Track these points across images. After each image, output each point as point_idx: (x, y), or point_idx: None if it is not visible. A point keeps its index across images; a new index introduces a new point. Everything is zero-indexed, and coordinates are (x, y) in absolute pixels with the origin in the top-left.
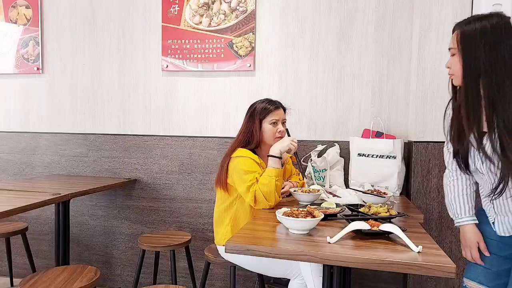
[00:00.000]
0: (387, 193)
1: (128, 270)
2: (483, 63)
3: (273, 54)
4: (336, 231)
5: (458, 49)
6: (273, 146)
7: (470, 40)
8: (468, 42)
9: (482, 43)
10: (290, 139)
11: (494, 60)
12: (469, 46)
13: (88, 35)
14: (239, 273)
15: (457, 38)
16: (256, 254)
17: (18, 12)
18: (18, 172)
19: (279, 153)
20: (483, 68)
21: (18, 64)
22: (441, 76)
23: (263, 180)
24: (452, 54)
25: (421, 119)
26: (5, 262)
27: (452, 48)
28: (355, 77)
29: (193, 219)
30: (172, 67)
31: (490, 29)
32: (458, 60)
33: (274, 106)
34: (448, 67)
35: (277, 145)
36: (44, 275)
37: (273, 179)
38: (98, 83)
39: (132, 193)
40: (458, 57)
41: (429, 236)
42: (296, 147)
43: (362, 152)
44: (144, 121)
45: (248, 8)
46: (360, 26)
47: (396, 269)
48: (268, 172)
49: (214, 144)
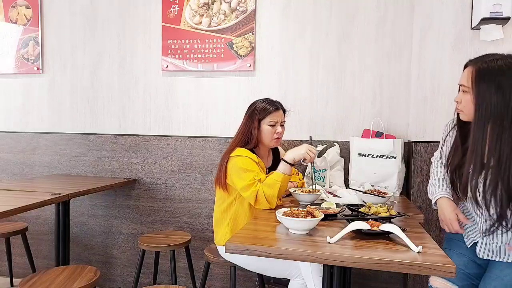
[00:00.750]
0: (387, 193)
1: (128, 270)
2: (496, 107)
3: (273, 54)
4: (336, 231)
5: (472, 89)
6: (289, 152)
7: (485, 81)
8: (483, 84)
9: (496, 86)
10: (308, 148)
11: (507, 104)
12: (483, 88)
13: (88, 35)
14: (239, 273)
15: (471, 76)
16: (256, 254)
17: (18, 12)
18: (18, 172)
19: (293, 160)
20: (496, 112)
21: (18, 64)
22: (441, 76)
23: (269, 181)
24: (464, 91)
25: (421, 119)
26: (5, 262)
27: (465, 86)
28: (355, 77)
29: (193, 219)
30: (172, 67)
31: (507, 70)
32: (470, 100)
33: (274, 107)
34: (458, 102)
35: (293, 152)
36: (44, 275)
37: (278, 183)
38: (98, 83)
39: (132, 193)
40: (470, 97)
41: (429, 236)
42: (312, 158)
43: (362, 152)
44: (144, 121)
45: (248, 8)
46: (360, 26)
47: (396, 269)
48: (275, 176)
49: (214, 144)
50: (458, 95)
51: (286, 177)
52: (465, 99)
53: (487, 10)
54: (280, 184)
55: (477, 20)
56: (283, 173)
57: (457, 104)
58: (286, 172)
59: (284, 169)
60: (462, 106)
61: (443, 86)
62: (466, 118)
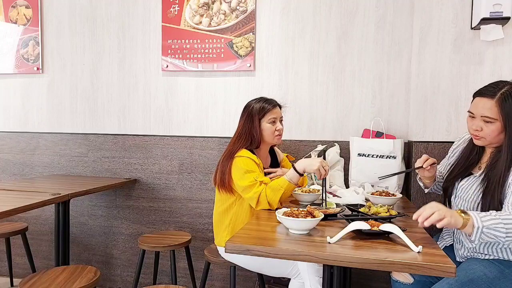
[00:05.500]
0: (395, 194)
1: (128, 270)
2: None
3: (273, 54)
4: (336, 231)
5: (500, 119)
6: (301, 161)
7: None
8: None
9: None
10: (322, 164)
11: None
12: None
13: (88, 35)
14: (239, 273)
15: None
16: (256, 254)
17: (18, 12)
18: (18, 172)
19: (303, 170)
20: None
21: (18, 64)
22: (441, 76)
23: (274, 185)
24: (488, 121)
25: (421, 119)
26: (5, 262)
27: (489, 117)
28: (355, 77)
29: (193, 219)
30: (172, 67)
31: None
32: (496, 129)
33: (271, 105)
34: (477, 130)
35: (305, 162)
36: (44, 275)
37: (282, 190)
38: (98, 83)
39: (132, 193)
40: (496, 126)
41: (429, 236)
42: (324, 175)
43: (362, 152)
44: (144, 121)
45: (248, 8)
46: (360, 26)
47: (396, 269)
48: (281, 182)
49: (214, 144)
50: (477, 124)
51: (292, 185)
52: (491, 129)
53: (487, 10)
54: (283, 190)
55: (477, 20)
56: (290, 180)
57: (477, 132)
58: (293, 180)
59: (292, 177)
60: (484, 134)
61: (443, 86)
62: (485, 143)
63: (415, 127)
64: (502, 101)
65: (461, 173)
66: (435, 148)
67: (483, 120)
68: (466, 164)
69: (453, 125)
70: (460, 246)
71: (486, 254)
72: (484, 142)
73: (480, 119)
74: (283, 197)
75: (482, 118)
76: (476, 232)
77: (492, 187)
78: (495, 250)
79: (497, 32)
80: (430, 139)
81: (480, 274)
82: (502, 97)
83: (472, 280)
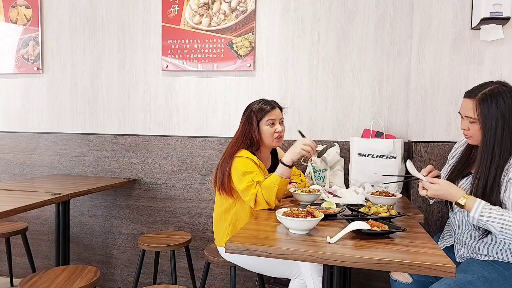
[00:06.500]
0: (395, 194)
1: (128, 270)
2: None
3: (273, 54)
4: (336, 231)
5: (479, 121)
6: (286, 153)
7: (488, 108)
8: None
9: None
10: (302, 143)
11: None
12: (488, 116)
13: (88, 35)
14: (239, 273)
15: (477, 107)
16: (256, 254)
17: (18, 12)
18: (18, 172)
19: (290, 161)
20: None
21: (18, 64)
22: (440, 76)
23: (266, 183)
24: (471, 122)
25: (421, 119)
26: (5, 262)
27: (472, 117)
28: (355, 77)
29: (193, 219)
30: (172, 67)
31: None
32: (477, 129)
33: (270, 106)
34: (465, 129)
35: (289, 153)
36: (44, 275)
37: (275, 187)
38: (98, 83)
39: (132, 193)
40: (478, 126)
41: (429, 236)
42: (310, 151)
43: (362, 152)
44: (144, 121)
45: (248, 8)
46: (360, 26)
47: (396, 269)
48: (273, 179)
49: (214, 144)
50: (464, 124)
51: (284, 180)
52: (474, 128)
53: (487, 10)
54: (277, 187)
55: (477, 20)
56: (281, 175)
57: (466, 132)
58: (284, 174)
59: (282, 172)
60: (471, 133)
61: (442, 86)
62: (475, 143)
63: (414, 127)
64: (481, 102)
65: (461, 173)
66: (435, 148)
67: (468, 120)
68: (466, 163)
69: (453, 125)
70: (460, 246)
71: (486, 255)
72: (473, 141)
73: (466, 119)
74: (279, 193)
75: (466, 118)
76: (472, 220)
77: (480, 187)
78: (495, 251)
79: (497, 32)
80: (430, 139)
81: (479, 275)
82: (482, 97)
83: (470, 281)
